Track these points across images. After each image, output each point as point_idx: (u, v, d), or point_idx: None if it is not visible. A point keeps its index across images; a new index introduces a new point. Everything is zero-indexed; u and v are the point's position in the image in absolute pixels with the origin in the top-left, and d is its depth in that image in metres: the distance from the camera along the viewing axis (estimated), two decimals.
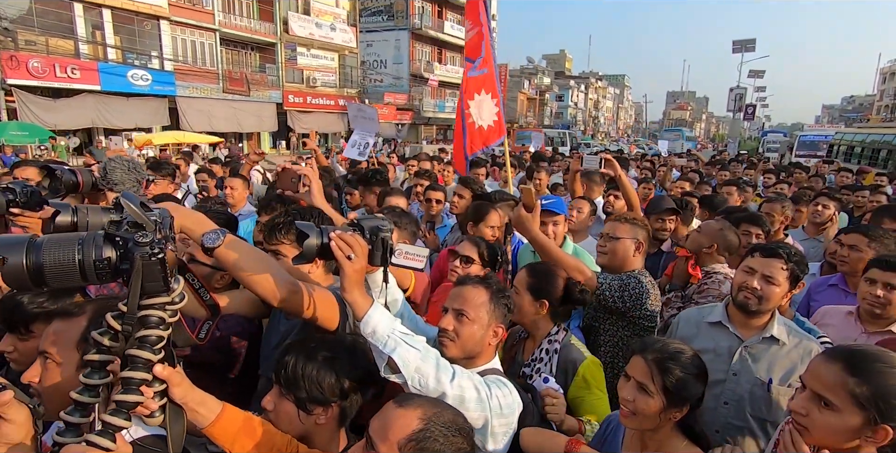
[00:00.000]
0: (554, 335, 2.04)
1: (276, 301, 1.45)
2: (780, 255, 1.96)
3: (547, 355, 2.03)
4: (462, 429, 1.13)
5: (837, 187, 6.24)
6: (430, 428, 1.09)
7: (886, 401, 1.22)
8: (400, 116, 34.77)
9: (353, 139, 5.24)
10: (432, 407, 1.14)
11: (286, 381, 1.38)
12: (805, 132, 24.81)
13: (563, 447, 1.43)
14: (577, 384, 1.96)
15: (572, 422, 1.81)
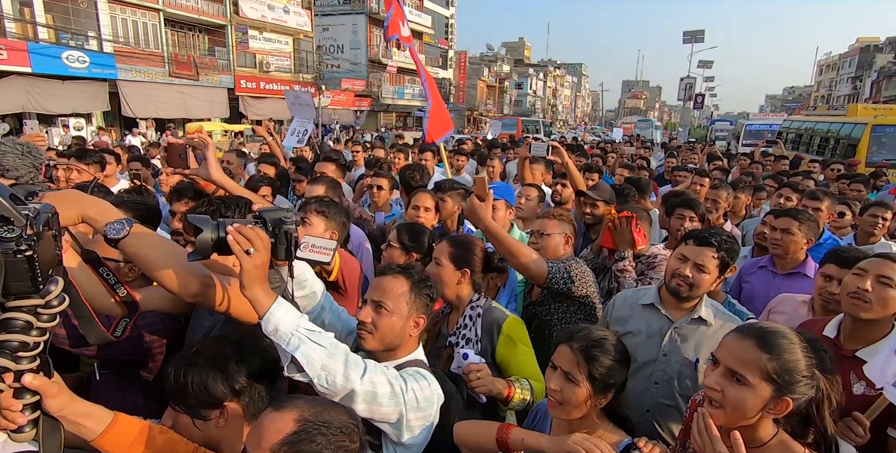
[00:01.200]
0: (475, 301, 2.12)
1: (187, 295, 1.38)
2: (712, 244, 2.01)
3: (471, 321, 2.09)
4: (345, 427, 1.07)
5: (774, 173, 6.53)
6: (307, 429, 1.03)
7: (790, 375, 1.28)
8: (358, 103, 34.09)
9: (293, 127, 5.09)
10: (311, 408, 1.08)
11: (173, 394, 1.33)
12: (751, 121, 25.11)
13: (494, 433, 1.43)
14: (503, 342, 2.03)
15: (501, 386, 1.84)
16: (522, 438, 1.39)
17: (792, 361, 1.29)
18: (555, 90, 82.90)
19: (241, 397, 1.36)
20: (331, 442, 1.05)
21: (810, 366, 1.31)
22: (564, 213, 2.65)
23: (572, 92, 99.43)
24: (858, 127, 12.19)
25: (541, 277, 2.34)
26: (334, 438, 1.06)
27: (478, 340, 2.05)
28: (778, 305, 2.60)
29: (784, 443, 1.34)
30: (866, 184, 5.35)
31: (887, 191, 5.73)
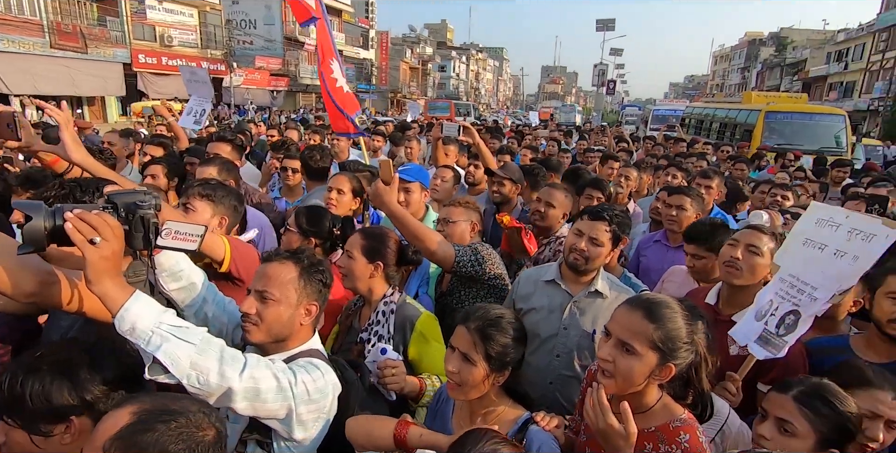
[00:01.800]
0: (389, 296, 2.07)
1: (21, 295, 1.19)
2: (604, 218, 2.09)
3: (384, 317, 2.03)
4: (192, 415, 0.99)
5: (672, 155, 7.00)
6: (145, 420, 0.94)
7: (673, 342, 1.35)
8: (274, 83, 32.33)
9: (189, 106, 4.66)
10: (154, 401, 0.99)
11: (6, 406, 1.14)
12: (658, 106, 26.58)
13: (391, 431, 1.38)
14: (416, 339, 2.00)
15: (413, 385, 1.81)
16: (421, 435, 1.36)
17: (675, 329, 1.36)
18: (477, 73, 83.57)
19: (92, 409, 1.18)
20: (173, 429, 0.95)
21: (690, 333, 1.38)
22: (471, 201, 2.65)
23: (494, 76, 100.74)
24: (753, 113, 12.98)
25: (448, 261, 2.31)
26: (177, 425, 0.96)
27: (390, 337, 1.99)
28: (670, 276, 2.79)
29: (667, 406, 1.42)
30: (748, 164, 5.88)
31: (767, 170, 6.34)
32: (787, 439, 1.34)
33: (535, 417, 1.46)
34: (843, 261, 1.70)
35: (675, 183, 3.96)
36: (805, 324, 1.71)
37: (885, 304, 1.80)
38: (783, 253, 1.95)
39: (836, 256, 1.72)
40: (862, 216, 1.77)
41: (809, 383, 1.41)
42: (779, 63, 49.08)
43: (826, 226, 1.80)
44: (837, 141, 12.16)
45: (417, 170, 3.19)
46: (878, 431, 1.48)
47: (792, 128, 12.27)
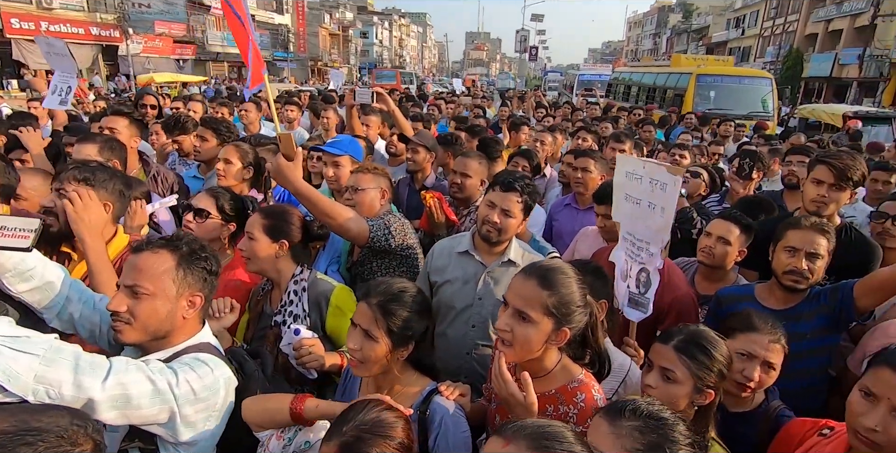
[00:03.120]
0: (299, 275, 1.99)
1: None
2: (516, 189, 2.07)
3: (296, 296, 1.96)
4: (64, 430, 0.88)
5: (589, 119, 7.21)
6: (4, 444, 0.82)
7: (567, 307, 1.37)
8: (179, 51, 29.64)
9: (54, 83, 4.09)
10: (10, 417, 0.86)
11: None
12: (583, 71, 26.53)
13: (287, 407, 1.32)
14: (333, 314, 1.95)
15: (334, 359, 1.75)
16: (317, 406, 1.31)
17: (568, 294, 1.38)
18: (401, 40, 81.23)
19: None
20: (43, 450, 0.84)
21: (584, 296, 1.41)
22: (379, 167, 2.54)
23: (419, 42, 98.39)
24: (684, 77, 12.45)
25: (363, 237, 2.23)
26: (47, 445, 0.85)
27: (306, 315, 1.92)
28: (581, 237, 2.88)
29: (566, 368, 1.46)
30: (655, 126, 6.18)
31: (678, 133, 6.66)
32: (669, 386, 1.42)
33: (440, 387, 1.46)
34: (655, 213, 1.77)
35: (584, 146, 4.06)
36: (655, 277, 1.79)
37: (783, 257, 1.95)
38: (616, 211, 2.02)
39: (650, 208, 1.79)
40: (654, 165, 1.81)
41: (687, 332, 1.49)
42: (685, 29, 51.63)
43: (634, 179, 1.86)
44: (764, 105, 11.80)
45: (347, 141, 3.00)
46: (754, 371, 1.61)
47: (721, 91, 11.78)
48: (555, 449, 0.86)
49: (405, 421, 1.19)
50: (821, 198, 2.28)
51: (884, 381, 1.21)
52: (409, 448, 1.16)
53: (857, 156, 2.36)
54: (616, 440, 1.09)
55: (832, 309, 1.88)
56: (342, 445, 1.09)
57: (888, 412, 1.18)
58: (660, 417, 1.12)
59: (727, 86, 11.93)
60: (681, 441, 1.09)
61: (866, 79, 25.41)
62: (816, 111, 11.80)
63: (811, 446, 1.43)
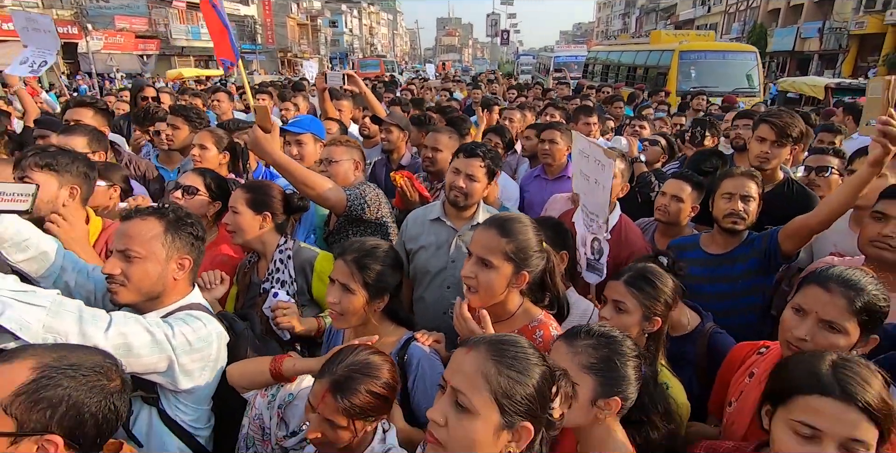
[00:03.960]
0: (283, 245, 2.09)
1: None
2: (478, 154, 2.20)
3: (282, 264, 2.06)
4: (99, 366, 1.00)
5: (560, 98, 7.35)
6: (48, 375, 0.94)
7: (524, 252, 1.51)
8: (142, 46, 28.82)
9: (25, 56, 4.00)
10: (51, 353, 0.98)
11: None
12: (558, 53, 25.46)
13: (267, 367, 1.44)
14: (317, 280, 2.05)
15: (310, 323, 1.88)
16: (294, 364, 1.43)
17: (525, 240, 1.52)
18: (371, 28, 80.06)
19: None
20: (82, 383, 0.96)
21: (540, 242, 1.56)
22: (350, 139, 2.64)
23: (389, 30, 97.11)
24: (666, 54, 11.86)
25: (340, 205, 2.34)
26: (86, 379, 0.96)
27: (292, 281, 2.02)
28: (551, 204, 3.02)
29: (527, 311, 1.61)
30: (624, 102, 6.36)
31: (642, 107, 6.86)
32: (621, 316, 1.58)
33: (416, 335, 1.60)
34: (598, 189, 1.93)
35: (551, 122, 4.21)
36: (605, 245, 1.95)
37: (721, 203, 2.14)
38: (575, 184, 2.18)
39: (595, 184, 1.95)
40: (596, 146, 1.97)
41: (636, 268, 1.66)
42: (654, 8, 52.02)
43: (583, 157, 2.03)
44: (750, 80, 11.19)
45: (308, 120, 3.08)
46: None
47: (706, 68, 11.20)
48: (510, 351, 1.00)
49: (391, 364, 1.31)
50: (764, 155, 2.47)
51: (812, 297, 1.37)
52: (394, 388, 1.29)
53: (795, 115, 2.55)
54: (573, 357, 1.24)
55: (763, 252, 2.07)
56: (333, 382, 1.21)
57: (815, 323, 1.35)
58: (610, 335, 1.28)
59: (711, 61, 11.34)
60: (629, 353, 1.26)
61: (826, 51, 26.07)
62: (797, 84, 11.28)
63: (751, 364, 1.60)
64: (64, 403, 0.93)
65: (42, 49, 4.02)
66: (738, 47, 13.02)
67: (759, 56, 11.59)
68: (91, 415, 0.96)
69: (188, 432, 1.43)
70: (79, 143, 2.64)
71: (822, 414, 1.01)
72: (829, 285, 1.35)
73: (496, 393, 0.96)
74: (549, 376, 1.01)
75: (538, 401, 0.98)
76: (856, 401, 0.99)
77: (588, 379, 1.21)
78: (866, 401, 0.99)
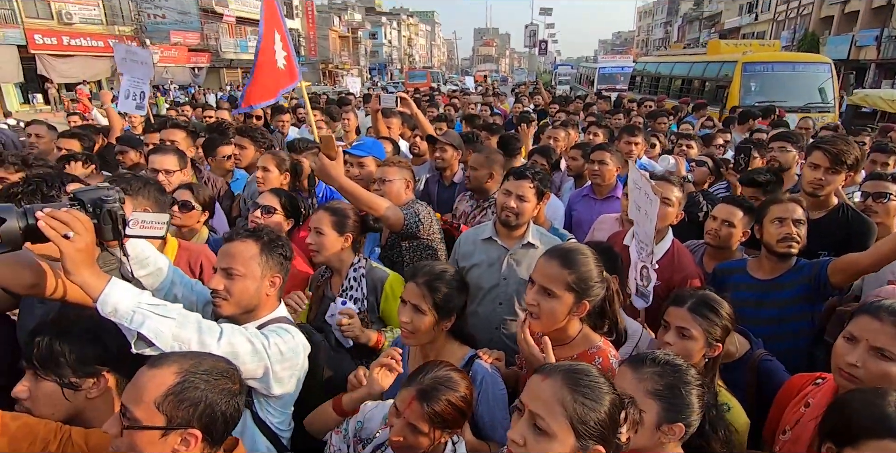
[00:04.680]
0: (357, 263, 2.23)
1: (22, 287, 1.34)
2: (528, 176, 2.32)
3: (356, 282, 2.21)
4: (226, 371, 1.17)
5: (602, 112, 7.37)
6: (189, 379, 1.11)
7: (585, 283, 1.60)
8: (195, 59, 30.36)
9: (125, 88, 4.40)
10: (189, 360, 1.15)
11: (41, 361, 1.30)
12: (603, 64, 24.04)
13: (331, 407, 1.61)
14: (385, 298, 2.20)
15: (371, 335, 2.03)
16: (351, 396, 1.58)
17: (587, 271, 1.61)
18: (410, 39, 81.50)
19: (116, 368, 1.36)
20: (215, 386, 1.13)
21: (601, 273, 1.65)
22: (402, 160, 2.80)
23: (427, 41, 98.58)
24: (727, 66, 10.93)
25: (398, 224, 2.49)
26: (217, 383, 1.14)
27: (364, 298, 2.18)
28: (598, 224, 3.08)
29: (586, 336, 1.69)
30: (667, 117, 6.31)
31: (683, 123, 6.80)
32: (685, 342, 1.64)
33: (479, 353, 1.71)
34: (647, 219, 1.98)
35: (595, 141, 4.27)
36: (653, 273, 2.00)
37: (772, 228, 2.17)
38: (630, 212, 2.21)
39: (646, 216, 1.99)
40: (645, 180, 2.00)
41: (697, 295, 1.71)
42: (697, 16, 50.94)
43: (636, 188, 2.09)
44: (823, 94, 10.13)
45: (371, 144, 3.26)
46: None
47: (773, 81, 10.20)
48: (584, 379, 1.10)
49: (468, 381, 1.44)
50: (817, 182, 2.48)
51: (862, 326, 1.41)
52: (470, 403, 1.42)
53: (851, 141, 2.54)
54: (639, 383, 1.32)
55: (812, 280, 2.09)
56: (420, 390, 1.35)
57: (866, 350, 1.39)
58: (675, 364, 1.35)
59: (779, 74, 10.31)
60: (693, 382, 1.33)
61: (885, 60, 24.88)
62: (870, 97, 10.07)
63: (807, 393, 1.64)
64: (203, 402, 1.11)
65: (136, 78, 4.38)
66: (809, 58, 11.86)
67: (833, 67, 10.53)
68: (221, 413, 1.13)
69: (275, 433, 1.58)
70: (171, 162, 2.94)
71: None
72: (880, 314, 1.40)
73: (572, 419, 1.06)
74: (619, 403, 1.10)
75: (609, 426, 1.07)
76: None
77: (653, 404, 1.29)
78: None
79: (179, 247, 2.18)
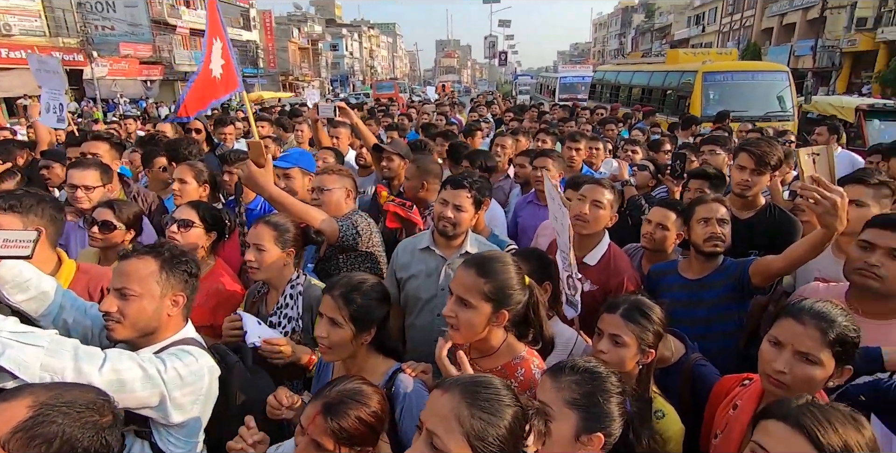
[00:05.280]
0: (295, 280, 2.13)
1: None
2: (465, 185, 2.26)
3: (292, 300, 2.10)
4: (92, 403, 1.05)
5: (556, 120, 7.48)
6: (44, 412, 0.99)
7: (504, 292, 1.55)
8: (147, 71, 29.41)
9: (45, 101, 4.17)
10: (48, 391, 1.03)
11: None
12: (563, 73, 23.97)
13: None
14: None
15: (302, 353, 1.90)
16: None
17: (505, 280, 1.55)
18: (371, 51, 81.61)
19: None
20: (76, 420, 1.01)
21: (521, 280, 1.59)
22: (344, 168, 2.71)
23: (389, 52, 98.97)
24: (687, 75, 10.85)
25: (334, 237, 2.39)
26: (80, 416, 1.02)
27: (299, 317, 2.06)
28: (542, 230, 3.07)
29: (510, 346, 1.64)
30: (616, 124, 6.45)
31: (634, 129, 6.98)
32: (619, 349, 1.61)
33: (403, 366, 1.63)
34: (564, 229, 1.98)
35: (542, 147, 4.29)
36: (578, 282, 1.99)
37: (698, 229, 2.21)
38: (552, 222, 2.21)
39: (563, 226, 2.00)
40: (555, 191, 2.04)
41: (629, 301, 1.68)
42: (649, 28, 53.10)
43: (551, 200, 2.10)
44: (782, 102, 10.07)
45: (297, 154, 3.16)
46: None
47: (733, 90, 10.15)
48: (482, 393, 1.04)
49: (381, 396, 1.36)
50: (745, 183, 2.53)
51: (787, 330, 1.40)
52: (382, 419, 1.33)
53: (774, 142, 2.62)
54: (558, 393, 1.27)
55: (736, 280, 2.11)
56: (325, 404, 1.26)
57: (792, 356, 1.38)
58: (594, 371, 1.31)
59: (739, 83, 10.25)
60: (612, 390, 1.29)
61: (820, 69, 26.48)
62: (821, 104, 10.25)
63: (735, 395, 1.63)
64: (58, 439, 0.98)
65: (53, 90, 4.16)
66: (767, 66, 11.87)
67: (790, 75, 10.49)
68: (84, 450, 1.01)
69: None
70: (93, 177, 2.75)
71: (773, 437, 1.05)
72: (802, 317, 1.38)
73: (468, 436, 1.00)
74: (522, 415, 1.05)
75: (510, 442, 1.01)
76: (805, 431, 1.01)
77: (571, 414, 1.24)
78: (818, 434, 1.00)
79: (78, 270, 2.00)
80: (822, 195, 1.66)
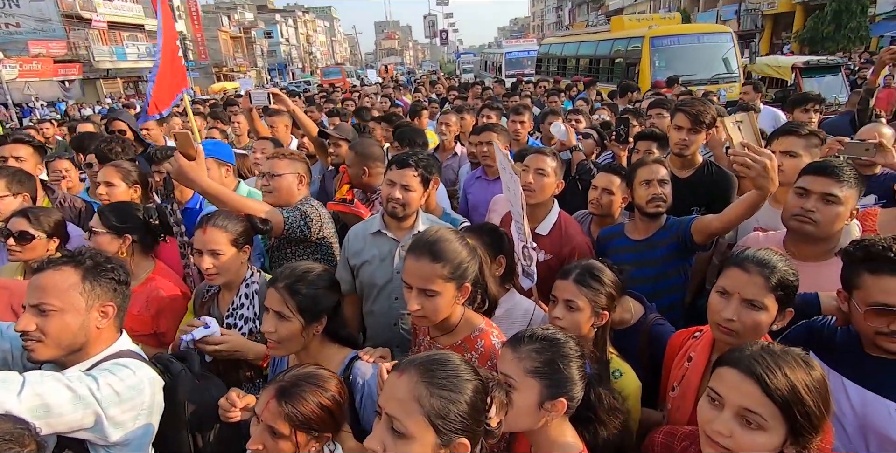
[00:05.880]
0: (250, 279, 2.03)
1: None
2: (410, 164, 2.19)
3: (247, 299, 1.99)
4: (9, 434, 0.96)
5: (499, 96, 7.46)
6: None
7: (461, 267, 1.52)
8: (63, 71, 27.32)
9: None
10: None
11: None
12: (508, 49, 23.41)
13: None
14: None
15: (254, 348, 1.84)
16: None
17: (458, 255, 1.52)
18: (308, 36, 78.81)
19: None
20: None
21: (471, 250, 1.57)
22: (296, 152, 2.57)
23: (327, 37, 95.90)
24: (634, 41, 10.61)
25: (278, 229, 2.28)
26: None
27: (255, 318, 1.95)
28: (494, 205, 3.05)
29: (468, 320, 1.62)
30: (558, 95, 6.50)
31: (577, 100, 7.05)
32: (573, 314, 1.62)
33: (359, 353, 1.58)
34: (516, 198, 1.98)
35: (488, 122, 4.26)
36: (533, 252, 1.99)
37: (641, 190, 2.24)
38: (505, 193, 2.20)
39: (515, 195, 1.99)
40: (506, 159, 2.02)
41: (580, 265, 1.69)
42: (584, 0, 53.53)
43: (502, 169, 2.08)
44: (727, 64, 10.04)
45: (211, 145, 2.96)
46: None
47: (680, 54, 9.99)
48: (440, 371, 1.01)
49: (338, 380, 1.30)
50: (682, 142, 2.59)
51: (733, 278, 1.44)
52: (340, 403, 1.28)
53: (707, 102, 2.69)
54: (519, 363, 1.26)
55: (679, 238, 2.18)
56: (279, 388, 1.21)
57: (739, 303, 1.42)
58: (553, 338, 1.30)
59: (686, 47, 10.13)
60: (572, 355, 1.29)
61: (744, 31, 27.58)
62: (759, 65, 10.43)
63: (688, 348, 1.68)
64: None
65: None
66: (711, 28, 11.55)
67: (734, 36, 10.40)
68: None
69: None
70: None
71: (725, 382, 1.08)
72: (746, 266, 1.43)
73: (429, 415, 0.97)
74: (482, 388, 1.02)
75: (472, 416, 0.99)
76: (755, 376, 1.04)
77: (534, 383, 1.24)
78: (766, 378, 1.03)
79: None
80: (753, 159, 1.71)
